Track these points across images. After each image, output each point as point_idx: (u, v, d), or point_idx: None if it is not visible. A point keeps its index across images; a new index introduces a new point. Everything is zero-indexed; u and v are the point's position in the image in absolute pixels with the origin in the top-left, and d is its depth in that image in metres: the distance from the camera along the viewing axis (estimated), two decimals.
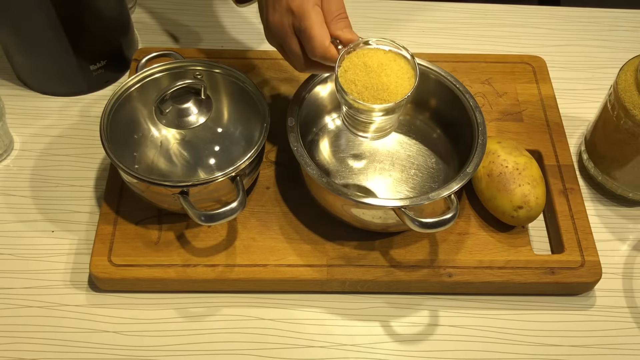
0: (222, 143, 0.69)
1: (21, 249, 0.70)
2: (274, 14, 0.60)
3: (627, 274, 0.71)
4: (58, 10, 0.73)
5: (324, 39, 0.58)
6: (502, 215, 0.69)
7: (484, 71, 0.84)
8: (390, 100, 0.59)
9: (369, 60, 0.60)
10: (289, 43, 0.61)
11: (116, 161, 0.63)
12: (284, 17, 0.60)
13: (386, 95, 0.59)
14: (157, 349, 0.64)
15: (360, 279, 0.67)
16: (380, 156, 0.74)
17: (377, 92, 0.59)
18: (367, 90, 0.59)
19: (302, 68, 0.63)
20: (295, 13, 0.59)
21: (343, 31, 0.60)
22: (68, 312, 0.66)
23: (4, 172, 0.76)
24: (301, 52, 0.61)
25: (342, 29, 0.60)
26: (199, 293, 0.68)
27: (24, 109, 0.82)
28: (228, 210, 0.61)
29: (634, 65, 0.70)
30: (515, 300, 0.68)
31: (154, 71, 0.70)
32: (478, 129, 0.68)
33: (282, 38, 0.61)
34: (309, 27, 0.58)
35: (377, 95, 0.59)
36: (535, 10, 0.97)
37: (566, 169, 0.75)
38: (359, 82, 0.59)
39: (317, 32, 0.58)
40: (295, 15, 0.59)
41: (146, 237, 0.68)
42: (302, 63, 0.62)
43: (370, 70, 0.59)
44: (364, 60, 0.60)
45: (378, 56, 0.60)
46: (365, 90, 0.59)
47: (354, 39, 0.60)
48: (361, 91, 0.59)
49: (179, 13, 0.94)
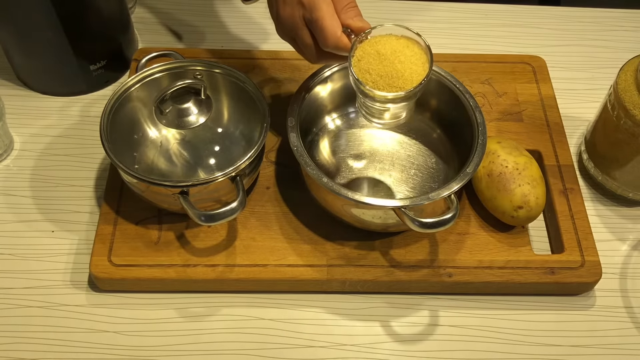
0: (222, 143, 0.69)
1: (21, 249, 0.70)
2: (285, 7, 0.61)
3: (627, 274, 0.71)
4: (58, 10, 0.73)
5: (336, 29, 0.59)
6: (502, 215, 0.69)
7: (484, 71, 0.84)
8: (405, 87, 0.59)
9: (382, 47, 0.60)
10: (300, 35, 0.61)
11: (116, 161, 0.63)
12: (294, 10, 0.60)
13: (401, 82, 0.59)
14: (157, 349, 0.64)
15: (360, 279, 0.67)
16: (380, 156, 0.74)
17: (391, 80, 0.59)
18: (381, 79, 0.59)
19: (315, 59, 0.63)
20: (305, 5, 0.59)
21: (354, 20, 0.60)
22: (68, 312, 0.66)
23: (4, 172, 0.76)
24: (313, 43, 0.61)
25: (352, 17, 0.60)
26: (199, 293, 0.68)
27: (24, 109, 0.82)
28: (228, 210, 0.61)
29: (634, 65, 0.70)
30: (515, 300, 0.68)
31: (154, 71, 0.70)
32: (478, 129, 0.68)
33: (294, 31, 0.62)
34: (320, 19, 0.58)
35: (392, 83, 0.59)
36: (535, 10, 0.97)
37: (566, 169, 0.75)
38: (373, 71, 0.59)
39: (329, 22, 0.58)
40: (306, 7, 0.59)
41: (146, 237, 0.68)
42: (314, 54, 0.62)
43: (384, 58, 0.59)
44: (376, 48, 0.60)
45: (391, 43, 0.60)
46: (380, 78, 0.59)
47: (366, 27, 0.60)
48: (376, 80, 0.59)
49: (179, 13, 0.94)
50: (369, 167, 0.74)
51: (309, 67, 0.82)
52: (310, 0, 0.59)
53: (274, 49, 0.85)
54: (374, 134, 0.76)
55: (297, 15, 0.60)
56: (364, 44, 0.60)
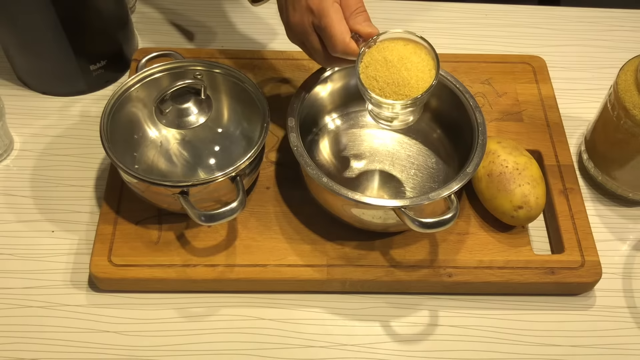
0: (222, 143, 0.69)
1: (21, 249, 0.70)
2: (294, 13, 0.62)
3: (626, 274, 0.71)
4: (58, 10, 0.73)
5: (344, 35, 0.59)
6: (502, 215, 0.69)
7: (484, 71, 0.84)
8: (411, 94, 0.60)
9: (389, 54, 0.60)
10: (310, 40, 0.62)
11: (116, 161, 0.63)
12: (304, 16, 0.61)
13: (407, 90, 0.60)
14: (157, 349, 0.64)
15: (360, 279, 0.67)
16: (380, 156, 0.74)
17: (398, 88, 0.60)
18: (388, 86, 0.60)
19: (325, 63, 0.64)
20: (314, 11, 0.60)
21: (362, 25, 0.60)
22: (68, 312, 0.66)
23: (4, 172, 0.76)
24: (322, 48, 0.62)
25: (361, 23, 0.61)
26: (199, 293, 0.68)
27: (24, 109, 0.82)
28: (228, 210, 0.61)
29: (634, 65, 0.70)
30: (515, 300, 0.68)
31: (154, 71, 0.70)
32: (478, 129, 0.68)
33: (304, 36, 0.62)
34: (329, 25, 0.59)
35: (399, 90, 0.60)
36: (535, 10, 0.97)
37: (566, 169, 0.75)
38: (380, 78, 0.60)
39: (337, 29, 0.59)
40: (315, 13, 0.60)
41: (146, 237, 0.68)
42: (324, 58, 0.63)
43: (391, 65, 0.60)
44: (384, 55, 0.60)
45: (398, 49, 0.61)
46: (386, 86, 0.60)
47: (374, 33, 0.61)
48: (383, 87, 0.60)
49: (179, 13, 0.94)
50: (369, 167, 0.74)
51: (309, 67, 0.82)
52: (319, 6, 0.59)
53: (275, 49, 0.85)
54: (374, 134, 0.76)
55: (306, 21, 0.61)
56: (372, 50, 0.61)
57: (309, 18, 0.61)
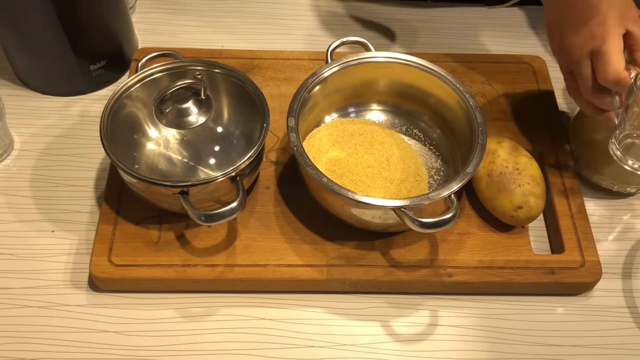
0: (222, 143, 0.69)
1: (21, 249, 0.70)
2: (577, 38, 0.63)
3: (626, 274, 0.71)
4: (58, 10, 0.73)
5: (619, 65, 0.60)
6: (502, 215, 0.69)
7: (484, 71, 0.84)
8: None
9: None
10: (582, 65, 0.63)
11: (116, 161, 0.63)
12: (586, 42, 0.62)
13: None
14: (157, 349, 0.64)
15: (360, 279, 0.67)
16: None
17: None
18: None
19: (589, 93, 0.65)
20: (597, 36, 0.61)
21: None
22: (68, 312, 0.66)
23: (4, 172, 0.76)
24: (591, 76, 0.63)
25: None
26: (199, 293, 0.68)
27: (24, 109, 0.82)
28: (228, 210, 0.61)
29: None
30: (515, 300, 0.68)
31: (154, 71, 0.70)
32: (478, 129, 0.68)
33: (578, 61, 0.63)
34: (608, 52, 0.60)
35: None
36: (535, 10, 0.97)
37: (566, 169, 0.75)
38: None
39: (615, 57, 0.60)
40: (597, 39, 0.61)
41: (146, 237, 0.68)
42: (589, 87, 0.64)
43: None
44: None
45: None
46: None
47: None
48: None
49: (179, 13, 0.94)
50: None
51: (309, 67, 0.83)
52: (603, 32, 0.61)
53: (275, 49, 0.85)
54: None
55: (585, 48, 0.62)
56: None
57: (590, 45, 0.62)
